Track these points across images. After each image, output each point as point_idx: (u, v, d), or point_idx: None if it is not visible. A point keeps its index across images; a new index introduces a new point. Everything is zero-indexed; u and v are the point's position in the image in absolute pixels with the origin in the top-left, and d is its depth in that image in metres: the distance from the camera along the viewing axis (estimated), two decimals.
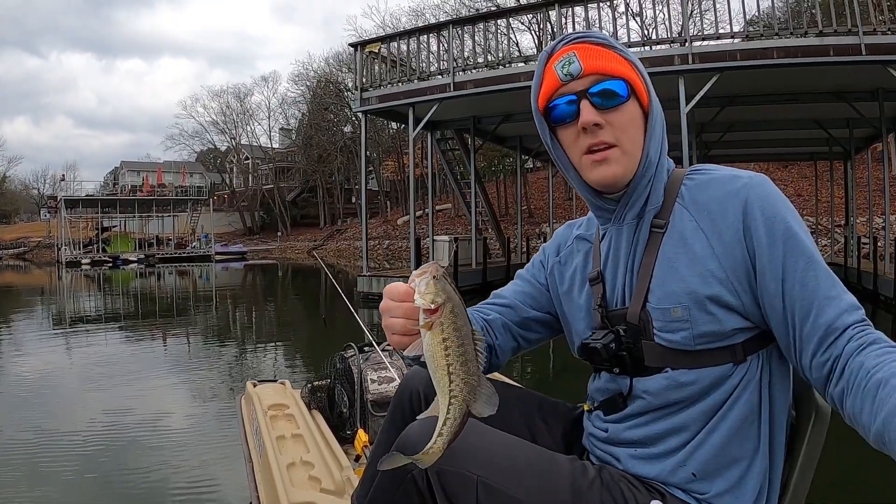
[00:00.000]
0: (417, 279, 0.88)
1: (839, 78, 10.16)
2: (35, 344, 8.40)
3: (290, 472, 1.97)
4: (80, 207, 39.01)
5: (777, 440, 1.01)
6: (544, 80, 1.06)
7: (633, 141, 1.03)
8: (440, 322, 0.85)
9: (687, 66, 9.40)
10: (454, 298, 0.85)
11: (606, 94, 1.01)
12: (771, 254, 0.95)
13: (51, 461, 3.66)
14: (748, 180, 1.00)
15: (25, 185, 74.11)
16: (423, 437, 0.95)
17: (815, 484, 1.05)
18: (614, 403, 1.09)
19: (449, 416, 0.86)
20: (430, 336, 0.86)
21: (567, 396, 1.35)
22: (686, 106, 9.37)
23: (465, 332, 0.86)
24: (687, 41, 9.62)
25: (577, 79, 1.02)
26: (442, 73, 12.25)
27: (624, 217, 1.08)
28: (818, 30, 9.09)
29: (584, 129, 1.02)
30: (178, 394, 5.48)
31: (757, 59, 9.17)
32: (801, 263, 0.94)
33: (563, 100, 1.04)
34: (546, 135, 1.11)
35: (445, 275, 0.87)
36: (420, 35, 12.99)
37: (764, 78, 10.04)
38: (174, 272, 27.73)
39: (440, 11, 32.55)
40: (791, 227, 0.96)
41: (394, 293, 0.96)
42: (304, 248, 38.17)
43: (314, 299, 15.56)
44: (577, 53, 1.02)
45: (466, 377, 0.85)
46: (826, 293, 0.91)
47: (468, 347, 0.85)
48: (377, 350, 2.60)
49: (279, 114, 53.54)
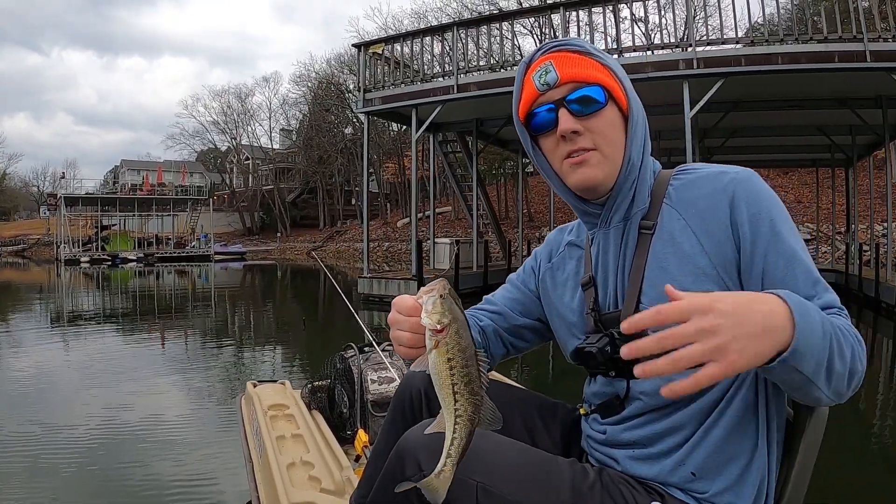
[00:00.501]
0: (425, 296, 0.90)
1: (842, 84, 10.16)
2: (33, 342, 8.33)
3: (290, 472, 1.96)
4: (79, 205, 38.98)
5: (775, 437, 1.01)
6: (524, 90, 1.08)
7: (613, 145, 1.04)
8: (446, 342, 0.87)
9: (691, 71, 9.39)
10: (459, 318, 0.88)
11: (583, 101, 1.02)
12: (753, 251, 0.96)
13: (50, 459, 3.64)
14: (734, 175, 1.01)
15: (25, 183, 74.22)
16: (421, 443, 0.98)
17: (813, 481, 1.05)
18: (612, 406, 1.09)
19: (456, 436, 0.88)
20: (435, 355, 0.88)
21: (567, 397, 1.34)
22: (690, 111, 9.35)
23: (469, 352, 0.88)
24: (691, 46, 9.61)
25: (555, 87, 1.03)
26: (445, 74, 12.24)
27: (610, 221, 1.09)
28: (823, 36, 9.09)
29: (562, 136, 1.03)
30: (178, 394, 5.43)
31: (762, 65, 9.16)
32: (782, 262, 0.95)
33: (542, 108, 1.05)
34: (528, 144, 1.12)
35: (452, 293, 0.89)
36: (424, 37, 12.99)
37: (768, 84, 10.04)
38: (173, 271, 27.65)
39: (442, 14, 32.55)
40: (775, 223, 0.96)
41: (402, 307, 0.99)
42: (303, 249, 38.11)
43: (313, 300, 15.54)
44: (553, 62, 1.04)
45: (471, 396, 0.87)
46: (805, 293, 0.91)
47: (472, 367, 0.87)
48: (377, 350, 2.59)
49: (280, 114, 53.69)
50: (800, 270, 0.94)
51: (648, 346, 0.72)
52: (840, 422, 0.86)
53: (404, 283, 12.04)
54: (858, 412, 4.87)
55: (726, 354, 0.71)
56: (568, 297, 1.19)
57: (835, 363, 0.81)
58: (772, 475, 1.01)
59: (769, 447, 1.00)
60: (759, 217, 0.97)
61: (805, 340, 0.77)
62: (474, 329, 1.22)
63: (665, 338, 0.72)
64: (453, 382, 0.87)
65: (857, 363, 0.84)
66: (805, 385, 0.81)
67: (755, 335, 0.73)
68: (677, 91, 9.56)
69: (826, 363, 0.80)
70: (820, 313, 0.82)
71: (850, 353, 0.83)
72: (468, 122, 14.32)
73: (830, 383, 0.82)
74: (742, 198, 0.98)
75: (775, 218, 0.97)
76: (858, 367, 0.84)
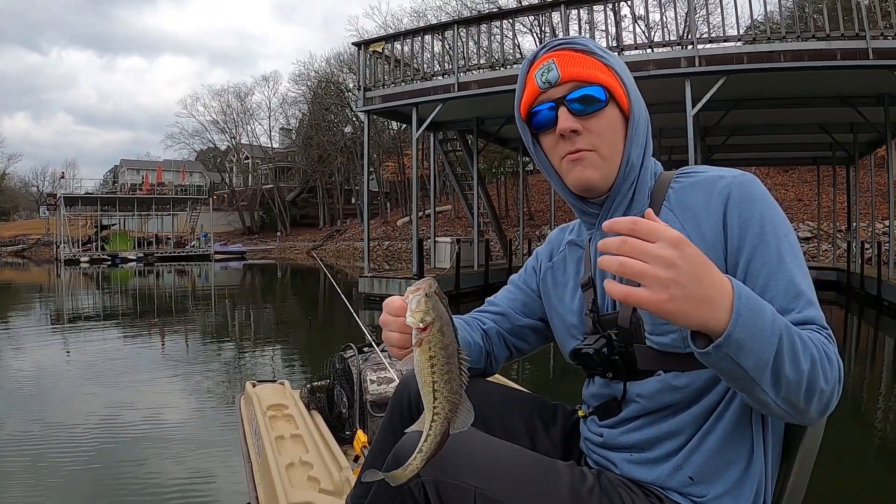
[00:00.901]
0: (411, 296, 0.91)
1: (845, 82, 10.13)
2: (33, 342, 8.31)
3: (289, 472, 1.96)
4: (79, 205, 38.90)
5: (773, 442, 1.01)
6: (526, 87, 1.08)
7: (611, 146, 1.04)
8: (428, 340, 0.88)
9: (693, 69, 9.33)
10: (443, 317, 0.88)
11: (584, 101, 1.02)
12: (738, 256, 0.96)
13: (50, 459, 3.62)
14: (731, 180, 1.00)
15: (25, 183, 74.16)
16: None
17: (811, 486, 1.06)
18: (609, 408, 1.10)
19: (430, 433, 0.89)
20: (418, 353, 0.89)
21: (568, 399, 1.34)
22: (693, 109, 9.30)
23: (451, 350, 0.88)
24: (693, 44, 9.55)
25: (556, 86, 1.03)
26: (445, 73, 12.18)
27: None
28: (825, 33, 9.04)
29: (562, 135, 1.04)
30: (177, 394, 5.42)
31: (764, 62, 9.11)
32: (766, 270, 0.93)
33: (543, 106, 1.05)
34: (529, 141, 1.13)
35: (438, 291, 0.90)
36: (424, 35, 12.92)
37: (770, 81, 9.99)
38: (173, 271, 27.60)
39: (442, 13, 32.55)
40: (764, 230, 0.95)
41: (391, 307, 1.01)
42: (303, 249, 38.08)
43: (313, 300, 15.50)
44: (556, 61, 1.04)
45: (449, 395, 0.88)
46: (782, 305, 0.89)
47: (453, 366, 0.88)
48: (377, 350, 2.57)
49: (279, 113, 53.59)
50: (782, 281, 0.92)
51: (612, 242, 0.74)
52: (839, 426, 0.84)
53: (405, 283, 11.98)
54: (859, 413, 4.82)
55: (663, 290, 0.72)
56: (568, 298, 1.19)
57: (783, 368, 0.78)
58: (770, 479, 1.00)
59: (767, 451, 1.00)
60: (749, 222, 0.96)
61: (745, 331, 0.75)
62: (476, 332, 1.24)
63: (626, 243, 0.73)
64: (434, 381, 0.87)
65: (817, 378, 0.80)
66: (748, 383, 0.79)
67: (695, 296, 0.73)
68: (678, 89, 9.51)
69: (772, 364, 0.77)
70: (774, 314, 0.79)
71: (807, 365, 0.80)
72: (468, 120, 14.28)
73: (778, 389, 0.79)
74: (735, 202, 0.97)
75: (766, 224, 0.95)
76: (820, 383, 0.81)
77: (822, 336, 0.86)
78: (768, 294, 0.90)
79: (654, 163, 1.11)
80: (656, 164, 1.11)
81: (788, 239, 0.95)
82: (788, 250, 0.94)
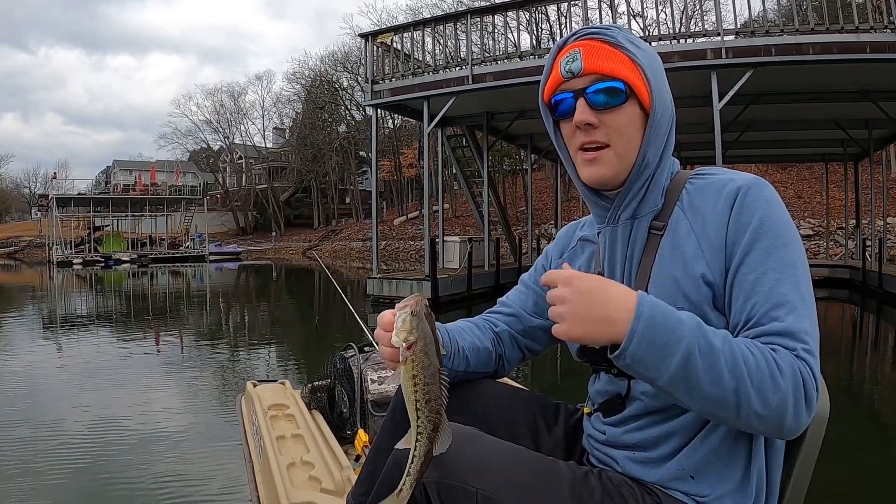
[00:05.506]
0: (398, 313, 0.92)
1: (868, 75, 9.92)
2: (27, 345, 8.11)
3: (291, 472, 1.97)
4: (71, 206, 38.17)
5: (775, 442, 1.01)
6: (551, 74, 1.08)
7: (627, 143, 1.03)
8: (412, 359, 0.89)
9: (720, 61, 9.05)
10: (427, 335, 0.89)
11: (603, 95, 1.02)
12: (731, 261, 0.97)
13: (49, 459, 3.62)
14: (741, 183, 1.00)
15: (16, 184, 73.18)
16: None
17: (813, 485, 1.06)
18: (613, 405, 1.10)
19: (416, 454, 0.90)
20: (403, 371, 0.90)
21: (571, 398, 1.34)
22: (719, 103, 9.02)
23: (432, 370, 0.89)
24: (719, 35, 9.25)
25: (577, 77, 1.03)
26: (458, 65, 11.77)
27: (618, 218, 1.09)
28: (854, 25, 8.80)
29: (578, 126, 1.03)
30: (178, 394, 5.41)
31: (792, 55, 8.86)
32: (752, 276, 0.93)
33: (564, 95, 1.05)
34: (550, 126, 1.13)
35: (425, 307, 0.91)
36: (437, 25, 12.53)
37: (794, 75, 9.76)
38: (167, 272, 27.22)
39: (437, 10, 32.17)
40: (757, 237, 0.95)
41: (383, 323, 1.01)
42: (298, 249, 37.73)
43: (311, 300, 15.28)
44: (581, 51, 1.03)
45: (430, 414, 0.89)
46: (760, 313, 0.91)
47: (434, 385, 0.89)
48: (377, 350, 2.34)
49: (273, 113, 53.14)
50: (765, 288, 0.91)
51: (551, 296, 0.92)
52: (841, 425, 0.95)
53: (416, 284, 11.65)
54: (859, 415, 4.79)
55: (564, 321, 0.90)
56: None
57: (699, 383, 0.84)
58: (772, 479, 1.01)
59: (769, 451, 1.00)
60: (745, 227, 0.96)
61: (643, 345, 0.85)
62: (487, 337, 1.25)
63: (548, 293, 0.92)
64: (416, 399, 0.89)
65: (751, 400, 0.83)
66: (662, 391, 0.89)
67: (590, 318, 0.88)
68: (698, 82, 9.24)
69: (684, 379, 0.85)
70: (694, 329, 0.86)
71: (734, 384, 0.83)
72: (478, 115, 13.89)
73: (693, 401, 0.87)
74: (738, 206, 0.97)
75: (762, 230, 0.95)
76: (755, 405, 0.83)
77: (786, 353, 0.86)
78: (751, 301, 0.92)
79: (672, 161, 1.10)
80: (675, 162, 1.10)
81: (788, 246, 0.94)
82: (782, 258, 0.93)
